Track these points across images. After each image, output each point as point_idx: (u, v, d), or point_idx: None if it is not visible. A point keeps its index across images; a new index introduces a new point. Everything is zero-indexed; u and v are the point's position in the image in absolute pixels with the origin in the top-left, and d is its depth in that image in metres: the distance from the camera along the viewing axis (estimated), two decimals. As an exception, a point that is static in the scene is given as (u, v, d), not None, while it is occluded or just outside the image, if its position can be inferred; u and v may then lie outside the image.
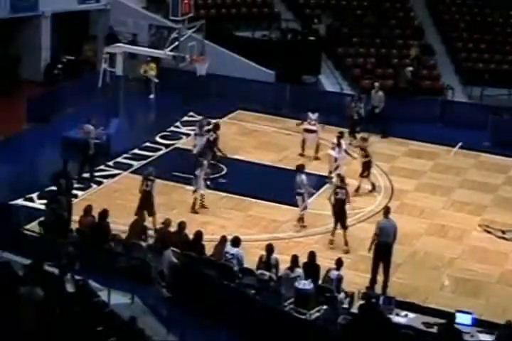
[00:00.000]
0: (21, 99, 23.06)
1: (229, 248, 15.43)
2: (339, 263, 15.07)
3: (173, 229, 16.13)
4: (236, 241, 15.52)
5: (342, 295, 14.74)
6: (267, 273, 15.01)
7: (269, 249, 15.31)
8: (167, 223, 16.20)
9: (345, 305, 14.58)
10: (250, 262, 15.52)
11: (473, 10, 30.35)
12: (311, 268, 15.09)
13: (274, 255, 15.32)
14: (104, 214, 16.16)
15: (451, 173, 21.54)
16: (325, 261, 15.86)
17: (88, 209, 16.42)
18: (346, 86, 26.95)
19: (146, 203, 17.51)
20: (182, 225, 16.08)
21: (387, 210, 16.39)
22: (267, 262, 15.19)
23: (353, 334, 13.30)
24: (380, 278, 15.89)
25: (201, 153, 19.70)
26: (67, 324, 11.72)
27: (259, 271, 15.08)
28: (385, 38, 28.69)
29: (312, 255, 15.32)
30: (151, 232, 16.41)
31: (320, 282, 15.02)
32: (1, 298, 12.10)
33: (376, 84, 24.26)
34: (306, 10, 29.72)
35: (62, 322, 11.72)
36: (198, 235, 15.83)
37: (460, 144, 23.03)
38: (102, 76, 21.62)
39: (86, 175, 19.85)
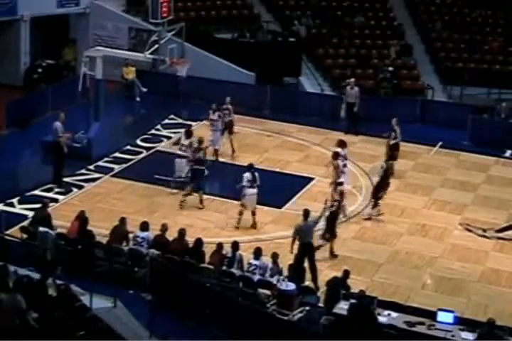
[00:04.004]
0: (0, 103, 22.97)
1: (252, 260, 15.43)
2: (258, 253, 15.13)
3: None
4: (258, 252, 15.48)
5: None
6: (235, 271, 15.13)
7: (235, 246, 15.48)
8: (164, 229, 16.01)
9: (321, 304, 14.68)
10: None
11: (452, 10, 30.55)
12: (297, 270, 15.15)
13: (239, 252, 15.50)
14: (85, 222, 16.20)
15: (432, 173, 21.65)
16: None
17: (79, 215, 16.30)
18: (327, 87, 27.05)
19: None
20: (182, 232, 15.90)
21: (306, 213, 16.24)
22: (232, 258, 15.32)
23: (343, 333, 13.36)
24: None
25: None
26: (48, 329, 11.69)
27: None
28: (365, 39, 28.83)
29: (298, 258, 15.38)
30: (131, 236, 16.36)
31: (308, 282, 15.11)
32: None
33: (351, 80, 24.26)
34: (286, 11, 29.81)
35: (43, 327, 11.69)
36: (199, 242, 15.80)
37: (440, 143, 23.17)
38: (82, 80, 21.59)
39: (67, 179, 19.82)
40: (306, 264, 15.69)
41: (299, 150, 22.64)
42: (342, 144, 19.50)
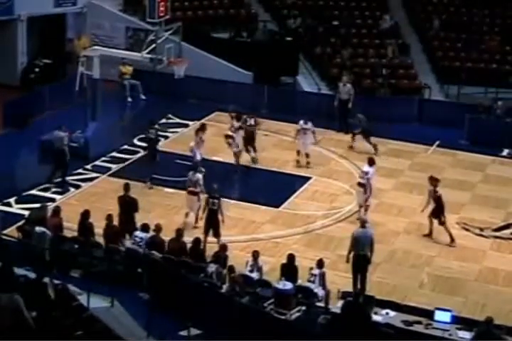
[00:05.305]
0: (-3, 103, 22.96)
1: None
2: (320, 264, 15.16)
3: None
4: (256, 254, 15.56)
5: (322, 292, 14.81)
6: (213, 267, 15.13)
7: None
8: (158, 229, 16.00)
9: (322, 304, 14.64)
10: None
11: (449, 9, 30.54)
12: (290, 269, 15.16)
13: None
14: (86, 214, 16.29)
15: (429, 172, 21.57)
16: (304, 261, 15.97)
17: (56, 210, 16.42)
18: (324, 86, 27.04)
19: (212, 222, 16.90)
20: (180, 231, 15.97)
21: (363, 222, 16.26)
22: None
23: (337, 332, 13.37)
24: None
25: None
26: (46, 329, 11.67)
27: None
28: (362, 38, 28.82)
29: (291, 257, 15.39)
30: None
31: (300, 281, 15.07)
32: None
33: (344, 77, 24.25)
34: (283, 11, 29.79)
35: (40, 327, 11.68)
36: (197, 242, 15.82)
37: (437, 143, 23.18)
38: (79, 79, 21.59)
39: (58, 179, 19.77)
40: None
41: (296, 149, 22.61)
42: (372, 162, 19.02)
